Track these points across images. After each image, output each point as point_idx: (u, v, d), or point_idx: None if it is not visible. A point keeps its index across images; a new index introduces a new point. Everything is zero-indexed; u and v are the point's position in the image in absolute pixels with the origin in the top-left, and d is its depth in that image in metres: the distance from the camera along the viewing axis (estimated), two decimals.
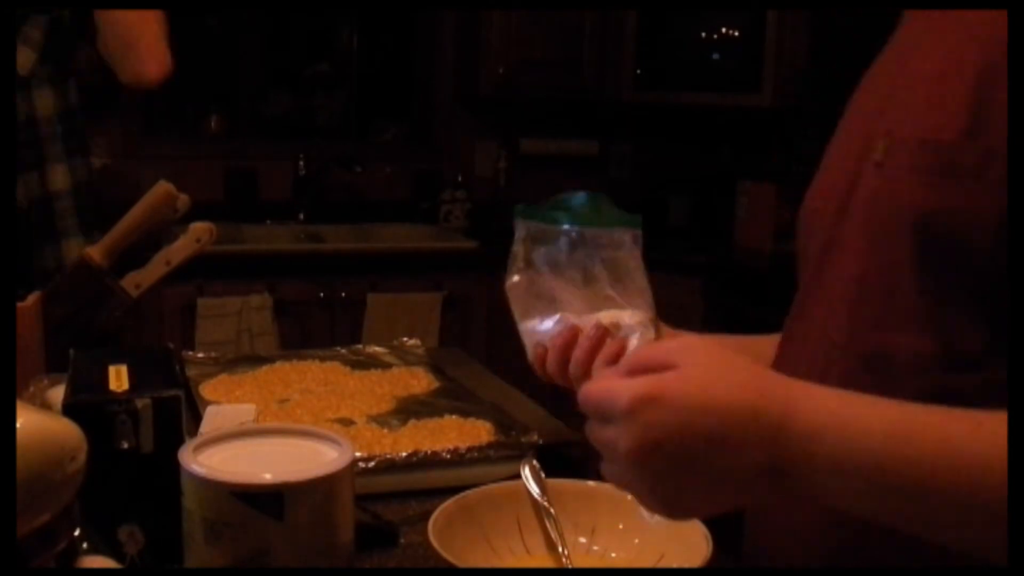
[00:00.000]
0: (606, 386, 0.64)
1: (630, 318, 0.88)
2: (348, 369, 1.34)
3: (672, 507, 0.64)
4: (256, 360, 1.37)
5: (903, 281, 0.70)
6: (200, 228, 1.26)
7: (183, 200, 1.28)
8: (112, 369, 0.83)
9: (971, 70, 0.67)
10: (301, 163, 3.29)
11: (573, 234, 0.90)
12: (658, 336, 0.88)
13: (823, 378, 0.71)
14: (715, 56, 3.28)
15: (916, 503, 0.59)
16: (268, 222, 3.24)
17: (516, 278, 0.93)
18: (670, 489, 0.62)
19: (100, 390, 0.79)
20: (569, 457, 1.13)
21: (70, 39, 1.81)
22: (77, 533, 0.64)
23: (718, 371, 0.62)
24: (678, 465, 0.61)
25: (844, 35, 3.10)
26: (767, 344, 0.91)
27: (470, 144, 3.56)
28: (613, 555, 0.84)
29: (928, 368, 0.69)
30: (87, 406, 0.77)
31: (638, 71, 3.33)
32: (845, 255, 0.76)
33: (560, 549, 0.83)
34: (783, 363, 0.84)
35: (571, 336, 0.89)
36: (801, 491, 0.61)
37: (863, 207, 0.74)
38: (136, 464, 0.78)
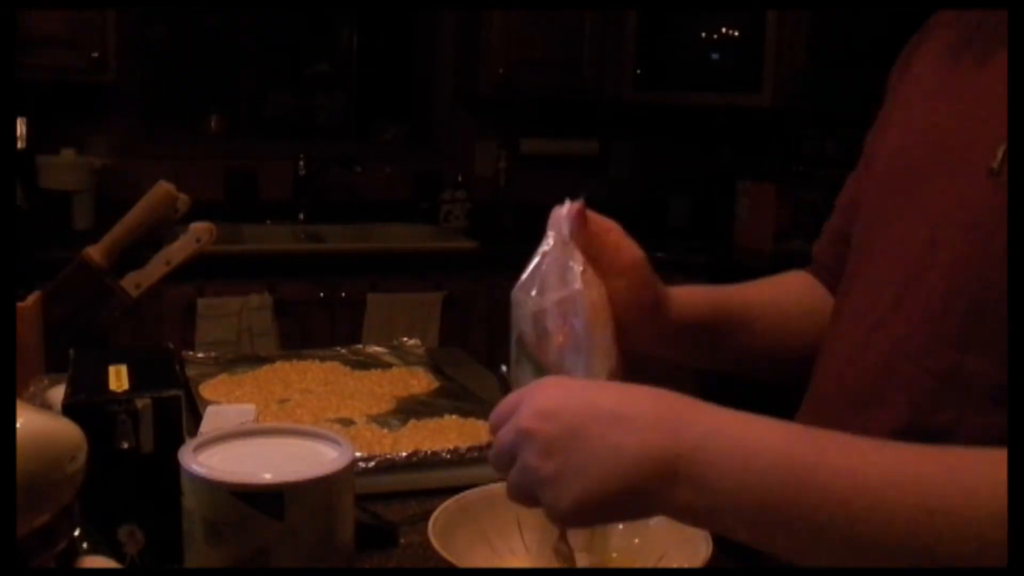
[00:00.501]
0: (501, 422, 0.66)
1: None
2: (348, 369, 1.34)
3: (558, 488, 0.61)
4: (256, 360, 1.37)
5: (993, 303, 0.66)
6: (200, 228, 1.26)
7: (183, 200, 1.28)
8: (112, 369, 0.83)
9: None
10: (301, 163, 3.29)
11: None
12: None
13: (878, 381, 0.71)
14: (715, 56, 3.28)
15: (806, 524, 0.56)
16: (268, 222, 3.23)
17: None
18: (559, 462, 0.61)
19: (100, 390, 0.79)
20: None
21: None
22: (77, 533, 0.64)
23: (606, 384, 0.66)
24: (573, 432, 0.60)
25: (844, 35, 3.10)
26: (738, 293, 0.92)
27: (470, 144, 3.56)
28: (613, 555, 0.84)
29: (1001, 400, 0.64)
30: (87, 406, 0.77)
31: (638, 71, 3.34)
32: (936, 265, 0.72)
33: None
34: (837, 349, 0.82)
35: None
36: (689, 491, 0.58)
37: (967, 215, 0.70)
38: (136, 464, 0.78)
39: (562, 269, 0.79)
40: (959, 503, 0.52)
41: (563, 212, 0.82)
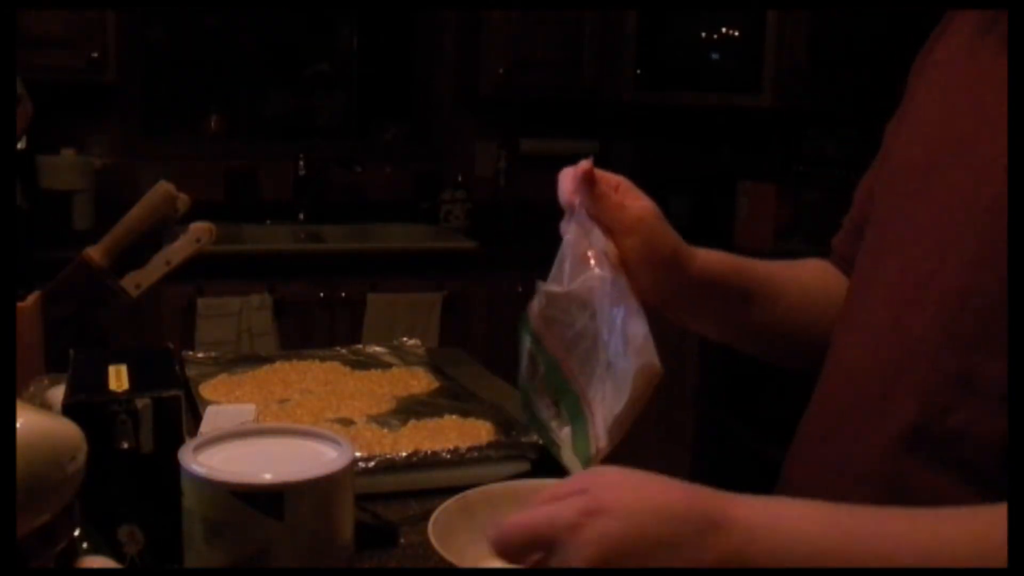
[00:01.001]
0: (537, 513, 0.61)
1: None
2: (348, 369, 1.34)
3: None
4: (256, 360, 1.37)
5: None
6: (200, 228, 1.26)
7: (183, 200, 1.27)
8: (112, 369, 0.83)
9: None
10: (301, 163, 3.29)
11: None
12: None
13: (893, 381, 0.70)
14: (715, 56, 3.28)
15: None
16: (268, 222, 3.24)
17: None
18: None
19: (100, 390, 0.79)
20: None
21: None
22: (77, 533, 0.64)
23: (637, 479, 0.62)
24: (640, 564, 0.59)
25: (844, 35, 3.10)
26: (760, 267, 0.91)
27: (470, 144, 3.56)
28: None
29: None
30: (87, 406, 0.77)
31: (638, 71, 3.34)
32: (951, 263, 0.72)
33: None
34: (850, 348, 0.81)
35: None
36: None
37: (983, 212, 0.70)
38: (136, 464, 0.78)
39: (577, 260, 0.80)
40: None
41: (569, 174, 0.83)
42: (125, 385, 0.80)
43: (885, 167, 0.89)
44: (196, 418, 1.07)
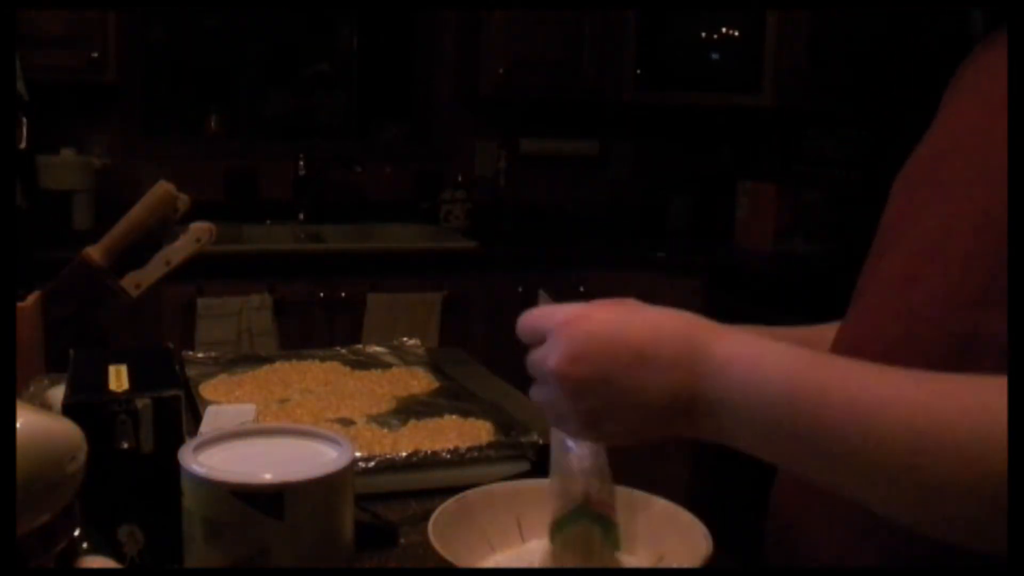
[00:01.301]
0: (542, 310, 0.69)
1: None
2: (348, 369, 1.34)
3: (591, 426, 0.66)
4: (256, 360, 1.37)
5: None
6: (200, 228, 1.26)
7: (183, 200, 1.28)
8: (112, 369, 0.83)
9: None
10: (301, 163, 3.29)
11: None
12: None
13: (896, 349, 0.70)
14: (715, 56, 3.28)
15: (812, 449, 0.59)
16: (268, 222, 3.24)
17: None
18: (591, 404, 0.64)
19: (100, 390, 0.79)
20: None
21: None
22: (77, 533, 0.64)
23: (644, 306, 0.66)
24: (599, 378, 0.64)
25: (844, 35, 3.10)
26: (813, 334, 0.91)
27: (470, 144, 3.56)
28: (618, 553, 0.84)
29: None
30: (87, 406, 0.77)
31: (638, 71, 3.33)
32: (961, 229, 0.72)
33: None
34: (852, 326, 0.81)
35: None
36: (710, 421, 0.63)
37: (993, 183, 0.69)
38: (136, 464, 0.78)
39: None
40: (946, 424, 0.54)
41: None
42: (125, 385, 0.80)
43: (901, 174, 0.89)
44: (196, 418, 1.07)
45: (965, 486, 0.54)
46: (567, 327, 0.65)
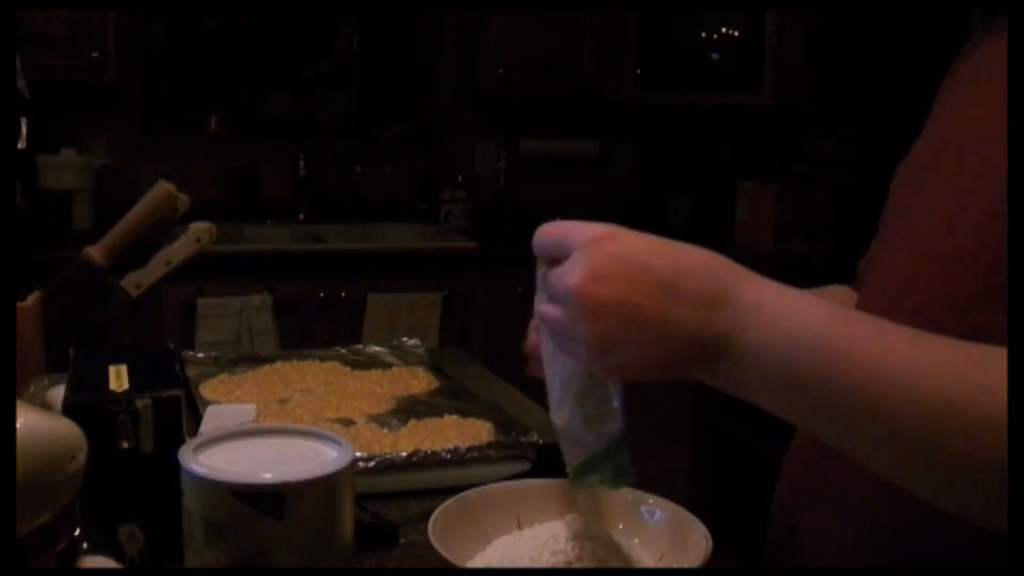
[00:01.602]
0: (566, 225, 0.64)
1: None
2: (348, 369, 1.34)
3: (602, 352, 0.62)
4: (256, 360, 1.37)
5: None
6: (200, 228, 1.26)
7: (183, 200, 1.28)
8: (112, 369, 0.83)
9: None
10: (301, 163, 3.29)
11: None
12: None
13: None
14: (715, 56, 3.28)
15: (827, 405, 0.58)
16: (268, 222, 3.24)
17: None
18: (608, 327, 0.61)
19: (100, 390, 0.79)
20: None
21: None
22: (77, 533, 0.64)
23: (668, 240, 0.64)
24: (621, 302, 0.60)
25: (844, 35, 3.10)
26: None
27: (470, 144, 3.56)
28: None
29: None
30: (87, 406, 0.77)
31: (638, 71, 3.33)
32: (963, 225, 0.72)
33: None
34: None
35: None
36: (726, 364, 0.60)
37: (994, 179, 0.70)
38: (136, 464, 0.78)
39: None
40: (973, 398, 0.54)
41: None
42: (125, 385, 0.80)
43: (902, 167, 0.89)
44: (196, 418, 1.07)
45: (973, 464, 0.54)
46: (595, 245, 0.62)
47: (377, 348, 1.45)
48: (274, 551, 0.67)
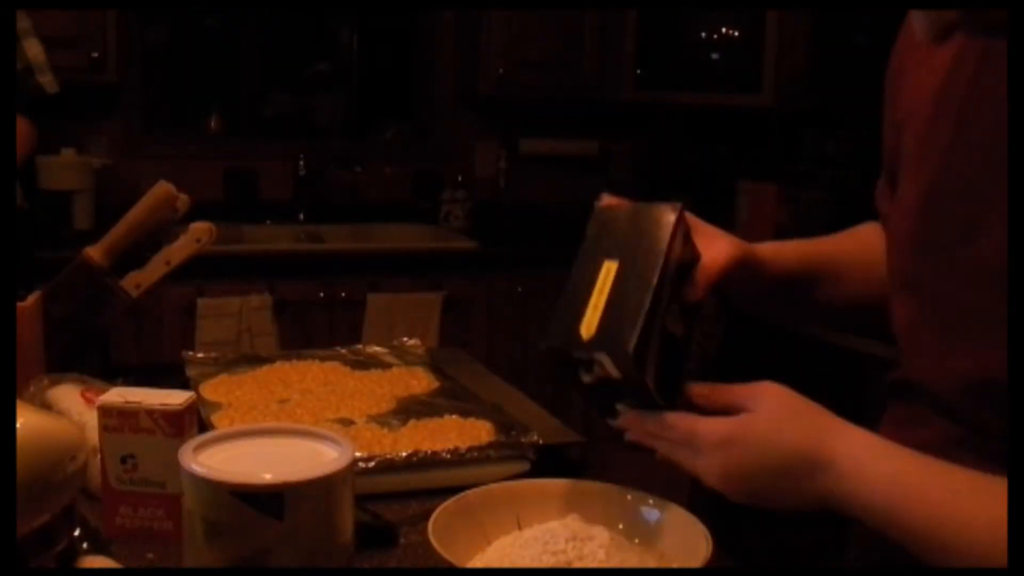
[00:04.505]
0: (692, 425, 0.78)
1: None
2: (348, 369, 1.34)
3: (750, 502, 0.78)
4: (256, 360, 1.37)
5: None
6: (200, 228, 1.26)
7: (183, 200, 1.28)
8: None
9: None
10: (301, 163, 3.29)
11: None
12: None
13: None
14: (715, 56, 3.28)
15: (923, 544, 0.70)
16: (268, 222, 3.23)
17: None
18: (748, 496, 0.78)
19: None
20: (569, 457, 1.13)
21: None
22: (77, 533, 0.64)
23: (780, 418, 0.76)
24: (754, 488, 0.77)
25: (844, 35, 3.10)
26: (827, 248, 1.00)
27: (470, 144, 3.56)
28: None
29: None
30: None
31: (638, 71, 3.33)
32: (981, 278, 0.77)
33: None
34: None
35: None
36: (845, 513, 0.74)
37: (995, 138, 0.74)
38: None
39: None
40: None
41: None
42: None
43: (908, 118, 0.90)
44: (198, 418, 1.07)
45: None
46: (719, 451, 0.76)
47: (377, 348, 1.45)
48: (274, 551, 0.67)
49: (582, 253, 0.84)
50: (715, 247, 0.92)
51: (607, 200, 0.91)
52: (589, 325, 0.78)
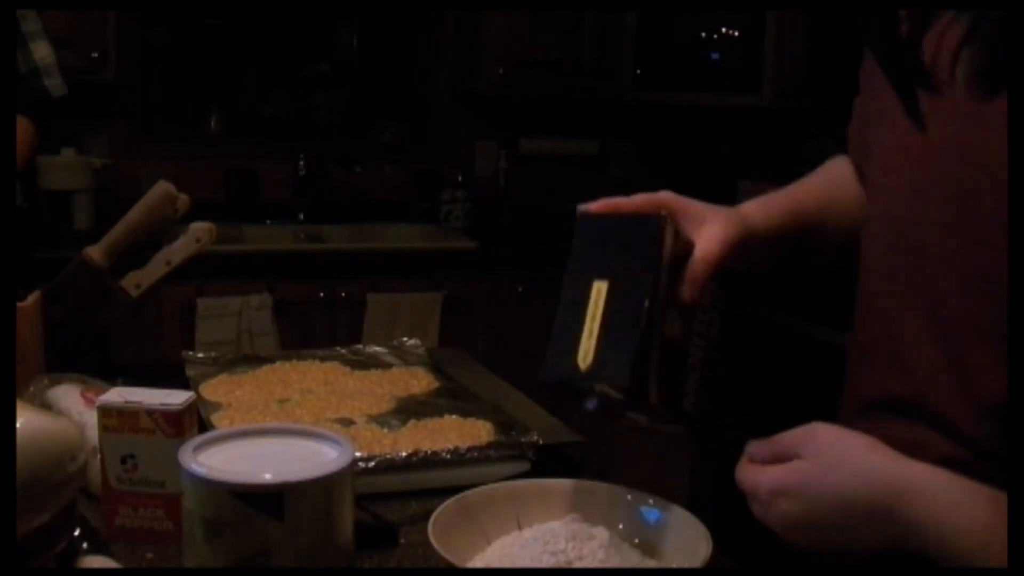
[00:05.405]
0: (751, 478, 0.77)
1: None
2: (348, 369, 1.34)
3: (825, 549, 0.77)
4: (256, 360, 1.37)
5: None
6: (200, 228, 1.26)
7: (183, 200, 1.28)
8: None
9: None
10: (301, 163, 3.29)
11: None
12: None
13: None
14: (715, 56, 3.28)
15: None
16: (268, 222, 3.23)
17: None
18: (820, 543, 0.76)
19: None
20: (569, 457, 1.13)
21: None
22: (77, 533, 0.64)
23: (832, 464, 0.74)
24: (821, 535, 0.75)
25: (844, 35, 3.10)
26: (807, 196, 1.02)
27: (470, 144, 3.56)
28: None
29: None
30: None
31: (638, 71, 3.33)
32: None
33: None
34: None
35: None
36: (921, 543, 0.71)
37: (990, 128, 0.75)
38: None
39: None
40: None
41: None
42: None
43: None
44: (198, 419, 1.07)
45: None
46: (774, 504, 0.76)
47: (377, 348, 1.45)
48: (274, 551, 0.67)
49: (570, 271, 0.82)
50: (707, 234, 0.91)
51: (590, 207, 0.89)
52: (586, 354, 0.77)
